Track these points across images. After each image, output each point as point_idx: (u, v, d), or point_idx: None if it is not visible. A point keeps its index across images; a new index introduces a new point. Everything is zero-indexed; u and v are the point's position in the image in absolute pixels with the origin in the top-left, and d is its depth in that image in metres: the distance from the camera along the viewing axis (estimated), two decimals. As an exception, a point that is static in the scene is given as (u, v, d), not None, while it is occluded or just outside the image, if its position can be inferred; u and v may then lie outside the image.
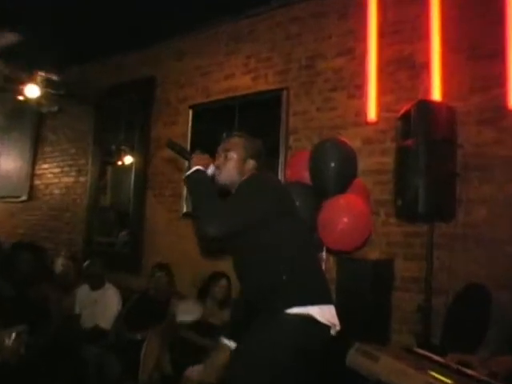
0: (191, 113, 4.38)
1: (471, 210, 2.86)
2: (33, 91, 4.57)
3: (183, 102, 4.49)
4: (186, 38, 4.53)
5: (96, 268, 3.89)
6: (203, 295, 3.50)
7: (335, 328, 1.82)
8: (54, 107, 5.00)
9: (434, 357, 2.14)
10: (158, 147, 4.62)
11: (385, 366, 2.02)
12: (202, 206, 1.80)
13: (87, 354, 3.25)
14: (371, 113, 3.25)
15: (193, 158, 1.98)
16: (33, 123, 5.93)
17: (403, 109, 2.86)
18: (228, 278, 3.43)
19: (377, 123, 3.27)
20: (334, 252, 3.11)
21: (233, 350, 1.97)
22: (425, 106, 2.71)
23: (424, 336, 2.74)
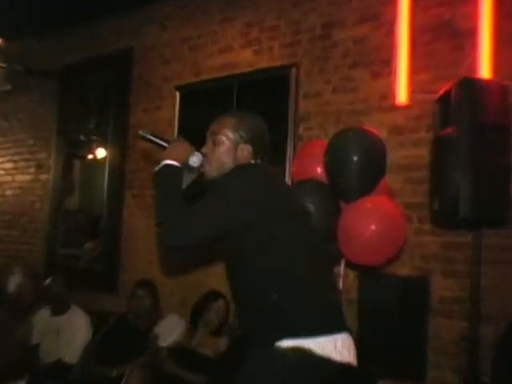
0: (178, 95, 4.38)
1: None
2: (-23, 65, 4.59)
3: (168, 82, 4.48)
4: (171, 3, 4.51)
5: (59, 287, 3.88)
6: (195, 319, 3.50)
7: (347, 363, 1.76)
8: (7, 86, 4.97)
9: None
10: (137, 138, 4.55)
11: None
12: (162, 211, 1.82)
13: (48, 395, 3.25)
14: (401, 94, 3.22)
15: (166, 149, 1.97)
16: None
17: (442, 89, 2.83)
18: (226, 300, 3.43)
19: (408, 107, 3.26)
20: (356, 266, 3.07)
21: None
22: (470, 84, 2.66)
23: (470, 373, 2.71)
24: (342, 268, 3.01)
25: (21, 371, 3.12)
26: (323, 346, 1.70)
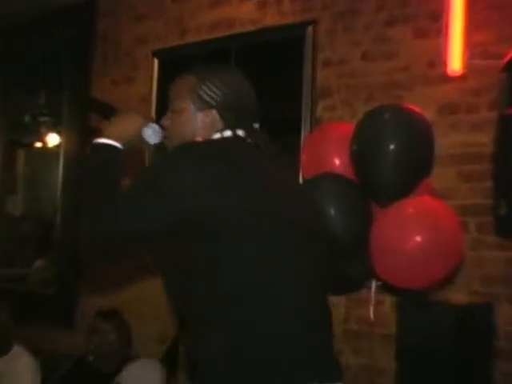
0: (157, 63, 4.38)
1: None
2: None
3: (144, 45, 4.47)
4: None
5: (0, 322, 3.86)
6: (172, 362, 3.51)
7: None
8: None
9: None
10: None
11: None
12: (82, 201, 1.79)
13: None
14: (454, 61, 3.24)
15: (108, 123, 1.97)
16: None
17: (510, 53, 2.83)
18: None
19: (464, 78, 3.26)
20: (394, 290, 3.06)
21: None
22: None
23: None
24: (373, 292, 3.03)
25: None
26: None
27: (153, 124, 2.01)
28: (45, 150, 4.89)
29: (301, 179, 3.29)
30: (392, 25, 3.52)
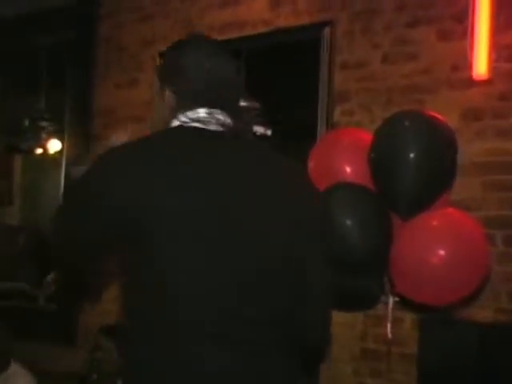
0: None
1: None
2: None
3: (149, 47, 4.47)
4: None
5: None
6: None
7: None
8: None
9: None
10: (107, 124, 4.59)
11: None
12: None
13: None
14: (480, 64, 3.23)
15: None
16: None
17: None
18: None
19: (490, 82, 3.26)
20: (415, 308, 3.07)
21: None
22: None
23: None
24: (390, 308, 3.02)
25: None
26: None
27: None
28: (45, 157, 4.86)
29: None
30: (414, 26, 3.52)
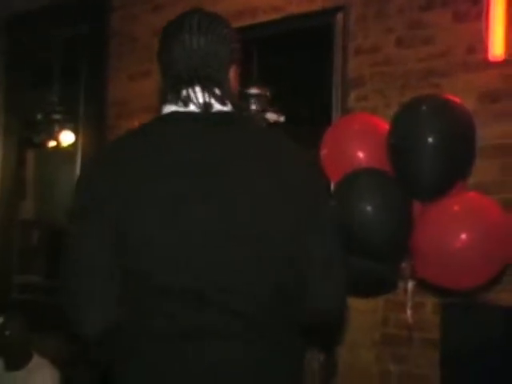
0: (176, 54, 4.39)
1: None
2: None
3: None
4: None
5: (16, 332, 3.88)
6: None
7: None
8: None
9: None
10: (121, 115, 4.61)
11: None
12: None
13: None
14: (496, 46, 3.23)
15: None
16: None
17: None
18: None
19: (507, 64, 3.25)
20: (437, 292, 3.08)
21: None
22: None
23: None
24: (409, 293, 3.03)
25: None
26: None
27: None
28: (59, 150, 4.88)
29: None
30: (428, 9, 3.50)
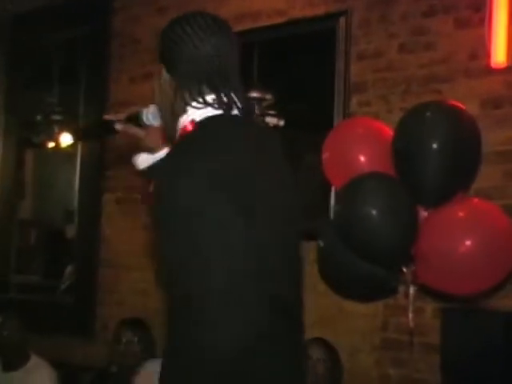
0: (178, 57, 4.40)
1: None
2: None
3: None
4: None
5: (13, 332, 3.90)
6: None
7: None
8: None
9: None
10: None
11: None
12: None
13: None
14: (498, 52, 3.23)
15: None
16: None
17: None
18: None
19: (509, 70, 3.25)
20: (437, 297, 3.08)
21: None
22: None
23: None
24: (411, 298, 3.01)
25: None
26: None
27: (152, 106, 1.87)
28: (58, 151, 4.87)
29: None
30: (431, 15, 3.50)
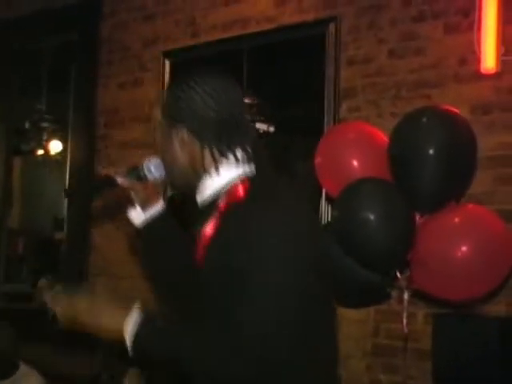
0: (168, 64, 4.38)
1: None
2: None
3: (152, 46, 4.49)
4: None
5: (2, 341, 3.88)
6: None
7: None
8: None
9: None
10: (110, 124, 4.61)
11: None
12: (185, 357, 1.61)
13: None
14: (488, 58, 3.23)
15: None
16: None
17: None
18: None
19: (498, 76, 3.25)
20: (429, 302, 3.08)
21: None
22: None
23: None
24: (405, 303, 2.99)
25: None
26: None
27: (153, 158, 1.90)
28: (47, 158, 4.87)
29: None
30: (420, 20, 3.51)
